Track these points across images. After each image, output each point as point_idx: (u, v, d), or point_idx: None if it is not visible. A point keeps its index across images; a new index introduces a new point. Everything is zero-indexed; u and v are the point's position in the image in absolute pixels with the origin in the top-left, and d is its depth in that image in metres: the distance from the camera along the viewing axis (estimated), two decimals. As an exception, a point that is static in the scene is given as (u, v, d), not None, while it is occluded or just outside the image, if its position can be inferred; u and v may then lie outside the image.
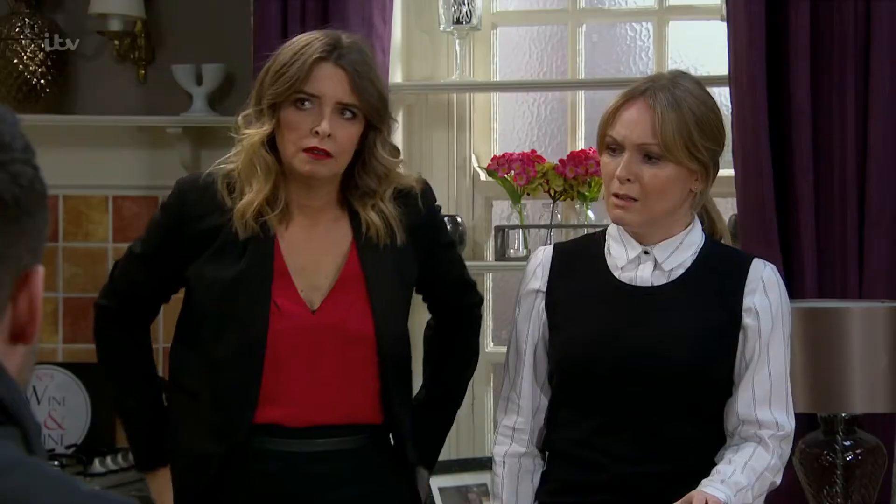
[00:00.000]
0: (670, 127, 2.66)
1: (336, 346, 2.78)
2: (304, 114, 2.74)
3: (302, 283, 2.79)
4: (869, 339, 3.39)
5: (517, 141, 4.43)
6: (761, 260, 2.79)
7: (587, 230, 4.17)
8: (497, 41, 4.44)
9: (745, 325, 2.71)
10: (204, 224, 2.79)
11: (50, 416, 4.52)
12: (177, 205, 2.83)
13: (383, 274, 2.82)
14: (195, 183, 2.84)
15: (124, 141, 4.57)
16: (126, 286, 2.90)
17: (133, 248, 2.90)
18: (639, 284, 2.74)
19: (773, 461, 2.70)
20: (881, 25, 3.73)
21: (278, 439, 2.77)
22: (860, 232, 3.75)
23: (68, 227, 4.61)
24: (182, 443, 2.84)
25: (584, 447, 2.73)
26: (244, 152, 2.78)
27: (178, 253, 2.81)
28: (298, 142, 2.73)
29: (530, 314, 2.82)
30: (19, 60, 4.54)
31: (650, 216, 2.71)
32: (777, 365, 2.72)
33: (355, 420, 2.82)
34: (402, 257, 2.85)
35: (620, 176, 2.68)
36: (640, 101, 2.69)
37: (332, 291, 2.79)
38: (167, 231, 2.83)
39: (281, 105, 2.75)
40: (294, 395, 2.76)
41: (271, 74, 2.77)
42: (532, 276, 2.83)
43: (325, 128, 2.71)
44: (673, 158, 2.67)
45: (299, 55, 2.75)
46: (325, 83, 2.74)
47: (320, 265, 2.81)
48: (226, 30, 4.48)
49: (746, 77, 3.79)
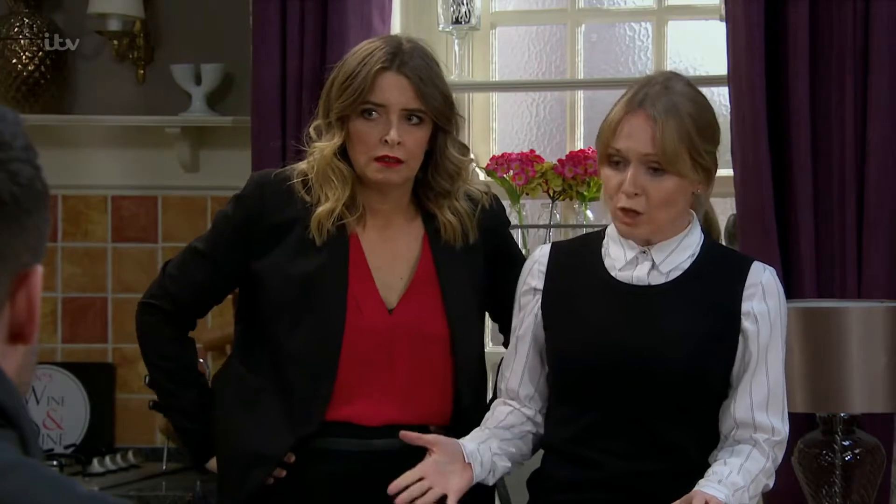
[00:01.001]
0: (672, 138, 2.65)
1: (412, 346, 2.81)
2: (372, 123, 2.78)
3: (379, 281, 2.82)
4: (868, 339, 3.39)
5: (516, 141, 4.43)
6: (761, 263, 2.78)
7: (586, 230, 4.17)
8: (496, 41, 4.44)
9: (743, 330, 2.71)
10: (283, 216, 2.81)
11: (49, 415, 4.52)
12: (256, 195, 2.84)
13: (458, 276, 2.85)
14: (272, 176, 2.86)
15: (123, 141, 4.57)
16: (184, 286, 2.90)
17: (195, 246, 2.91)
18: (636, 283, 2.74)
19: (768, 465, 2.71)
20: (880, 25, 3.73)
21: (347, 439, 2.79)
22: (859, 232, 3.75)
23: (67, 226, 4.61)
24: (240, 440, 2.83)
25: (580, 445, 2.74)
26: (317, 163, 2.81)
27: (252, 245, 2.82)
28: (369, 152, 2.77)
29: (527, 313, 2.82)
30: (18, 60, 4.54)
31: (657, 227, 2.71)
32: (775, 370, 2.72)
33: (425, 420, 2.84)
34: (475, 260, 2.89)
35: (627, 191, 2.67)
36: (640, 113, 2.68)
37: (407, 291, 2.83)
38: (243, 222, 2.83)
39: (349, 116, 2.79)
40: (369, 392, 2.79)
41: (337, 86, 2.81)
42: (529, 274, 2.83)
43: (393, 136, 2.76)
44: (676, 170, 2.66)
45: (362, 66, 2.78)
46: (390, 92, 2.77)
47: (395, 266, 2.84)
48: (224, 29, 4.48)
49: (745, 77, 3.79)
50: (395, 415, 2.80)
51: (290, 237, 2.81)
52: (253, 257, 2.83)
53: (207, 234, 2.93)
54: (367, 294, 2.80)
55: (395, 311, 2.81)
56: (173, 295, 2.90)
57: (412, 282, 2.84)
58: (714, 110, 2.77)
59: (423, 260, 2.85)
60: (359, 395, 2.78)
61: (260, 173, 2.93)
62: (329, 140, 2.80)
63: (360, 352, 2.78)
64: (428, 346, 2.82)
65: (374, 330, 2.79)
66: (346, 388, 2.77)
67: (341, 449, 2.79)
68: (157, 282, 2.95)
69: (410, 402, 2.81)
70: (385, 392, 2.79)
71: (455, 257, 2.86)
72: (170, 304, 2.90)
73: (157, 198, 4.57)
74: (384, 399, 2.79)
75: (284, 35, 4.12)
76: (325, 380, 2.77)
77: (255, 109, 4.16)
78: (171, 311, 2.91)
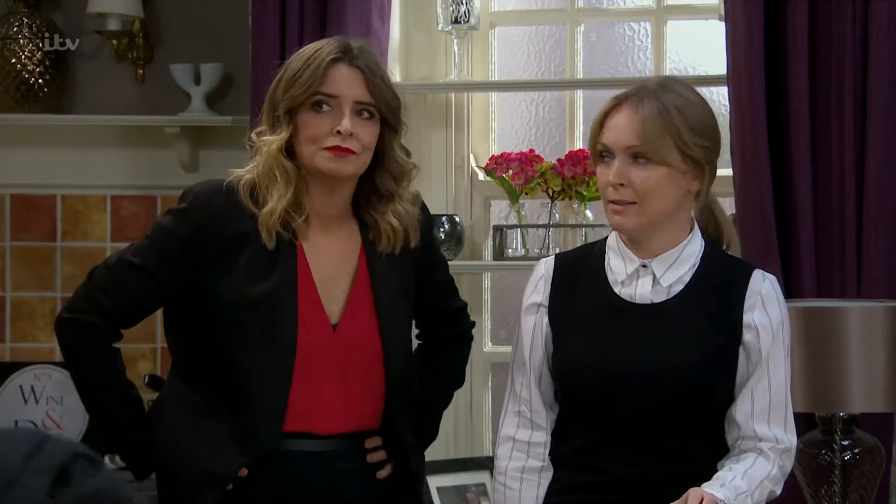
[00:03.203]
0: (654, 126, 2.65)
1: (354, 360, 2.79)
2: (323, 116, 2.74)
3: (323, 296, 2.79)
4: (867, 338, 3.39)
5: (515, 140, 4.43)
6: (760, 272, 2.77)
7: (585, 230, 4.17)
8: (495, 41, 4.44)
9: (744, 342, 2.70)
10: (232, 229, 2.74)
11: (48, 415, 4.52)
12: (204, 208, 2.75)
13: (390, 289, 2.83)
14: (218, 188, 2.78)
15: (122, 140, 4.57)
16: (119, 299, 2.78)
17: (129, 259, 2.78)
18: (638, 301, 2.73)
19: (774, 471, 2.69)
20: (879, 25, 3.73)
21: (304, 440, 2.77)
22: (858, 231, 3.75)
23: (66, 226, 4.61)
24: (187, 458, 2.77)
25: (587, 455, 2.73)
26: (263, 161, 2.76)
27: (199, 262, 2.74)
28: (319, 142, 2.73)
29: (534, 328, 2.81)
30: (17, 60, 4.54)
31: (648, 219, 2.69)
32: (776, 379, 2.71)
33: (365, 426, 2.84)
34: (405, 266, 2.86)
35: (613, 181, 2.67)
36: (625, 106, 2.69)
37: (347, 307, 2.80)
38: (190, 237, 2.74)
39: (297, 111, 2.74)
40: (321, 406, 2.77)
41: (284, 82, 2.76)
42: (534, 290, 2.82)
43: (346, 125, 2.72)
44: (660, 159, 2.66)
45: (312, 59, 2.75)
46: (343, 83, 2.74)
47: (338, 276, 2.81)
48: (224, 29, 4.48)
49: (745, 77, 3.79)
50: (343, 425, 2.80)
51: (241, 254, 2.74)
52: (200, 273, 2.74)
53: (145, 246, 2.78)
54: (314, 311, 2.76)
55: (338, 327, 2.78)
56: (106, 308, 2.78)
57: (351, 296, 2.80)
58: (710, 108, 2.75)
59: (359, 271, 2.82)
60: (311, 411, 2.76)
61: (203, 185, 2.81)
62: (276, 135, 2.75)
63: (310, 368, 2.75)
64: (366, 360, 2.80)
65: (321, 347, 2.76)
66: (298, 405, 2.75)
67: (296, 450, 2.77)
68: (83, 295, 2.81)
69: (354, 412, 2.80)
70: (333, 405, 2.78)
71: (388, 268, 2.83)
72: (101, 317, 2.78)
73: (157, 197, 4.57)
74: (333, 412, 2.78)
75: (284, 35, 4.12)
76: (279, 398, 2.73)
77: (254, 109, 4.15)
78: (102, 325, 2.79)
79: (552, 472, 2.80)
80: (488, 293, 4.42)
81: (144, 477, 2.91)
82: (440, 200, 4.38)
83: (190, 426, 2.78)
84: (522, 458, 2.81)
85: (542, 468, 2.80)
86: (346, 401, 2.79)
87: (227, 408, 2.75)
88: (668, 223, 2.73)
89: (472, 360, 4.37)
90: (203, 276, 2.74)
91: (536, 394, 2.80)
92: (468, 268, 4.36)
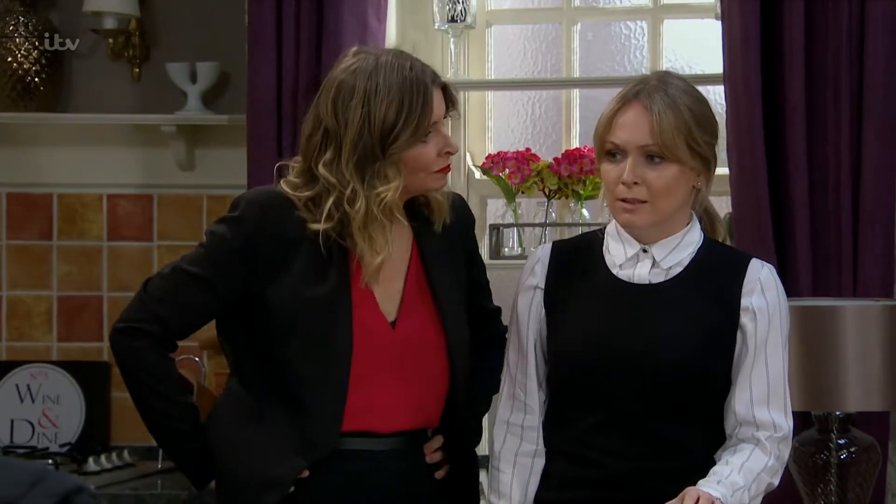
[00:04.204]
0: (669, 126, 2.66)
1: (415, 356, 2.79)
2: (431, 144, 2.74)
3: (379, 293, 2.78)
4: (863, 337, 3.39)
5: (512, 139, 4.43)
6: (759, 260, 2.78)
7: (582, 229, 4.17)
8: (492, 39, 4.45)
9: (742, 326, 2.71)
10: (284, 236, 2.73)
11: (44, 414, 4.52)
12: (257, 217, 2.73)
13: (445, 277, 2.83)
14: (270, 194, 2.76)
15: (119, 139, 4.57)
16: (177, 309, 2.78)
17: (185, 268, 2.78)
18: (637, 282, 2.74)
19: (771, 462, 2.69)
20: (875, 24, 3.74)
21: (362, 438, 2.77)
22: (854, 230, 3.76)
23: (63, 225, 4.60)
24: (248, 463, 2.77)
25: (583, 445, 2.73)
26: (378, 208, 2.70)
27: (254, 269, 2.73)
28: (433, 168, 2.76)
29: (529, 311, 2.81)
30: (14, 58, 4.54)
31: (659, 217, 2.71)
32: (774, 365, 2.71)
33: (427, 424, 2.84)
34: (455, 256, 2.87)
35: (627, 180, 2.67)
36: (635, 104, 2.69)
37: (404, 302, 2.80)
38: (245, 245, 2.73)
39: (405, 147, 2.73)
40: (380, 406, 2.76)
41: (391, 117, 2.70)
42: (531, 273, 2.83)
43: (455, 145, 2.79)
44: (674, 157, 2.67)
45: (416, 85, 2.71)
46: (439, 108, 2.75)
47: (392, 273, 2.80)
48: (220, 28, 4.47)
49: (741, 75, 3.79)
50: (403, 423, 2.80)
51: (295, 259, 2.74)
52: (255, 280, 2.74)
53: (200, 256, 2.78)
54: (370, 312, 2.76)
55: (397, 325, 2.78)
56: (163, 318, 2.78)
57: (406, 289, 2.81)
58: (709, 103, 2.77)
59: (412, 265, 2.83)
60: (369, 411, 2.76)
61: (255, 193, 2.81)
62: (386, 183, 2.70)
63: (368, 370, 2.75)
64: (428, 354, 2.80)
65: (380, 347, 2.76)
66: (356, 406, 2.75)
67: (357, 449, 2.77)
68: (139, 305, 2.80)
69: (417, 408, 2.81)
70: (393, 403, 2.78)
71: (441, 261, 2.84)
72: (158, 327, 2.78)
73: (153, 196, 4.57)
74: (392, 410, 2.78)
75: (280, 33, 4.12)
76: (336, 401, 2.73)
77: (250, 108, 4.15)
78: (160, 335, 2.78)
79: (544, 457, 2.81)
80: (485, 292, 4.42)
81: (204, 486, 2.89)
82: (436, 199, 4.38)
83: (248, 431, 2.78)
84: (516, 441, 2.82)
85: (536, 451, 2.81)
86: (408, 398, 2.78)
87: (285, 412, 2.74)
88: (671, 218, 2.73)
89: (468, 359, 4.40)
90: (258, 283, 2.74)
91: (533, 376, 2.81)
92: (464, 267, 4.36)
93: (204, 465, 2.84)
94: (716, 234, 2.84)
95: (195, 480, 2.89)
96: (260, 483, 2.75)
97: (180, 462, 2.90)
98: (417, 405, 2.80)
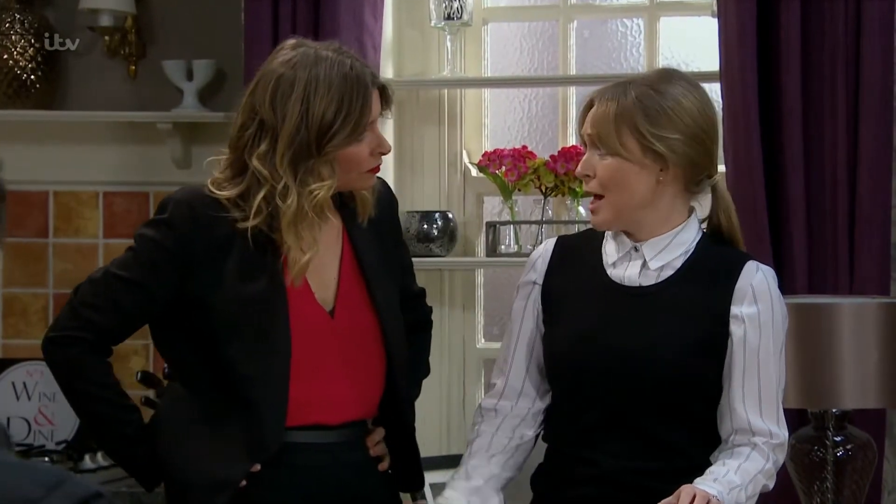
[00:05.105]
0: (605, 116, 2.68)
1: (354, 344, 2.78)
2: (365, 141, 2.74)
3: (314, 283, 2.77)
4: (859, 335, 3.40)
5: (508, 137, 4.43)
6: (755, 263, 2.75)
7: (578, 226, 4.17)
8: (488, 37, 4.44)
9: (732, 333, 2.69)
10: (215, 234, 2.70)
11: (40, 412, 4.51)
12: (186, 216, 2.71)
13: (377, 265, 2.82)
14: (198, 194, 2.73)
15: (115, 137, 4.57)
16: (110, 314, 2.74)
17: (115, 272, 2.74)
18: (627, 284, 2.74)
19: (768, 466, 2.69)
20: (872, 21, 3.74)
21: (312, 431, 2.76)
22: (851, 228, 3.76)
23: (59, 223, 4.60)
24: (195, 466, 2.75)
25: (576, 445, 2.74)
26: (309, 205, 2.68)
27: (188, 270, 2.71)
28: (365, 167, 2.74)
29: (526, 304, 2.82)
30: (9, 56, 4.53)
31: (617, 213, 2.70)
32: (767, 374, 2.69)
33: (369, 414, 2.84)
34: (383, 240, 2.85)
35: (578, 172, 2.74)
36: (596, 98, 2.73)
37: (340, 290, 2.78)
38: (177, 246, 2.71)
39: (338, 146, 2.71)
40: (326, 396, 2.75)
41: (330, 115, 2.68)
42: (531, 268, 2.84)
43: (389, 147, 2.78)
44: (611, 148, 2.68)
45: (355, 86, 2.71)
46: (376, 105, 2.75)
47: (326, 260, 2.78)
48: (216, 25, 4.47)
49: (737, 73, 3.79)
50: (351, 413, 2.80)
51: (229, 257, 2.70)
52: (190, 281, 2.71)
53: (131, 259, 2.74)
54: (307, 303, 2.74)
55: (335, 314, 2.77)
56: (96, 324, 2.74)
57: (341, 279, 2.79)
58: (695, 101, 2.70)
59: (345, 252, 2.81)
60: (317, 403, 2.75)
61: (182, 193, 2.76)
62: (319, 181, 2.69)
63: (311, 361, 2.73)
64: (368, 343, 2.79)
65: (320, 337, 2.74)
66: (303, 399, 2.73)
67: (307, 442, 2.75)
68: (70, 313, 2.77)
69: (361, 397, 2.80)
70: (340, 394, 2.76)
71: (370, 245, 2.82)
72: (91, 334, 2.74)
73: (149, 194, 4.57)
74: (340, 401, 2.77)
75: (276, 30, 4.12)
76: (280, 396, 2.71)
77: (247, 105, 4.15)
78: (93, 341, 2.75)
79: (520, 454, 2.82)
80: (481, 290, 4.42)
81: (153, 487, 2.88)
82: (433, 197, 4.38)
83: (194, 433, 2.76)
84: (479, 419, 2.85)
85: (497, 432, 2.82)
86: (354, 388, 2.78)
87: (230, 411, 2.73)
88: (645, 215, 2.71)
89: (464, 357, 4.40)
90: (194, 284, 2.72)
91: (519, 365, 2.82)
92: (461, 264, 4.36)
93: (152, 467, 2.82)
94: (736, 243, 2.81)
95: (144, 483, 2.87)
96: (209, 485, 2.73)
97: (129, 466, 2.87)
98: (362, 394, 2.79)
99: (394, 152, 4.34)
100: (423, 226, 4.27)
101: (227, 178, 2.74)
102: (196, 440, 2.76)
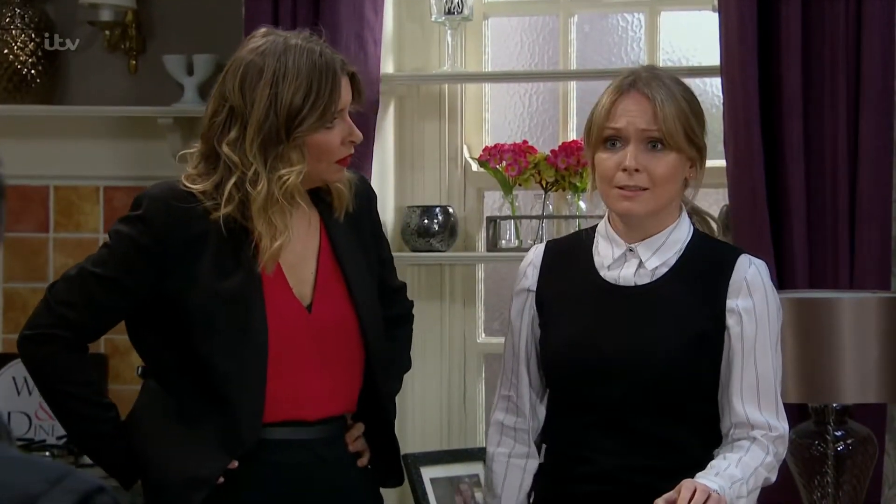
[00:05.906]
0: (671, 114, 2.68)
1: (332, 340, 2.77)
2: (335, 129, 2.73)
3: (292, 277, 2.76)
4: (860, 329, 3.40)
5: (509, 132, 4.43)
6: (748, 257, 2.76)
7: (579, 220, 4.17)
8: (488, 32, 4.44)
9: (728, 327, 2.70)
10: (191, 230, 2.69)
11: (41, 407, 4.51)
12: (160, 211, 2.70)
13: (356, 259, 2.82)
14: (171, 189, 2.72)
15: (115, 131, 4.57)
16: (86, 311, 2.74)
17: (90, 269, 2.74)
18: (622, 284, 2.74)
19: (769, 459, 2.69)
20: (872, 16, 3.74)
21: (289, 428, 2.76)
22: (851, 222, 3.76)
23: (59, 217, 4.60)
24: (172, 464, 2.74)
25: (576, 444, 2.75)
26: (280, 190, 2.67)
27: (163, 266, 2.70)
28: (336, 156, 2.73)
29: (522, 313, 2.82)
30: (10, 51, 4.54)
31: (658, 205, 2.72)
32: (764, 366, 2.70)
33: (347, 410, 2.84)
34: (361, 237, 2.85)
35: (629, 166, 2.68)
36: (634, 93, 2.71)
37: (317, 285, 2.78)
38: (152, 242, 2.70)
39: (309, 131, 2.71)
40: (304, 392, 2.75)
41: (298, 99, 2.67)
42: (523, 276, 2.84)
43: (359, 135, 2.76)
44: (675, 145, 2.68)
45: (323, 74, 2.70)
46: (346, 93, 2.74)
47: (304, 256, 2.78)
48: (217, 20, 4.47)
49: (738, 68, 3.79)
50: (330, 409, 2.79)
51: (204, 252, 2.69)
52: (167, 280, 2.70)
53: (106, 256, 2.73)
54: (284, 297, 2.73)
55: (312, 308, 2.76)
56: (71, 321, 2.73)
57: (319, 273, 2.78)
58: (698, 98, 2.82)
59: (323, 246, 2.80)
60: (295, 398, 2.74)
61: (156, 189, 2.75)
62: (289, 166, 2.68)
63: (289, 356, 2.72)
64: (346, 337, 2.78)
65: (297, 332, 2.73)
66: (281, 395, 2.72)
67: (285, 438, 2.75)
68: (45, 311, 2.76)
69: (338, 393, 2.79)
70: (318, 389, 2.76)
71: (348, 241, 2.81)
72: (67, 331, 2.73)
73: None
74: (318, 396, 2.76)
75: (277, 26, 4.09)
76: (257, 392, 2.70)
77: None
78: (69, 338, 2.74)
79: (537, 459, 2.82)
80: (482, 284, 4.42)
81: (131, 485, 2.87)
82: (434, 191, 4.38)
83: (171, 430, 2.75)
84: (510, 443, 2.83)
85: (529, 454, 2.82)
86: (332, 383, 2.77)
87: (206, 408, 2.72)
88: (664, 210, 2.74)
89: (465, 352, 4.41)
90: (171, 283, 2.71)
91: (525, 378, 2.82)
92: (462, 259, 4.36)
93: (129, 464, 2.82)
94: (711, 232, 2.84)
95: (122, 480, 2.86)
96: (186, 482, 2.72)
97: (105, 464, 2.87)
98: (340, 390, 2.79)
99: (394, 147, 4.34)
100: (423, 220, 4.27)
101: (201, 172, 2.74)
102: (172, 437, 2.75)
